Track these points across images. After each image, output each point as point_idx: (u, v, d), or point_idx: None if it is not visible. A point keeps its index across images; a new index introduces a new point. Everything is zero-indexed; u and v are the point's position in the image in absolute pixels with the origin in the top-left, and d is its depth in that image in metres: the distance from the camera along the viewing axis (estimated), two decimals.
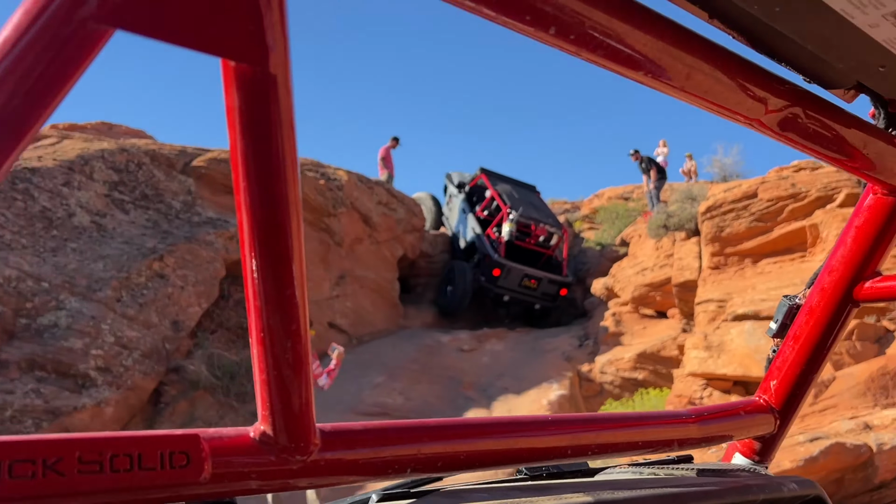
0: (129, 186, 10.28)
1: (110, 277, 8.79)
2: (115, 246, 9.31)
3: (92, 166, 9.91)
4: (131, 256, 9.25)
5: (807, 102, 0.82)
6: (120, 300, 8.77)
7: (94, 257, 8.97)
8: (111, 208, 9.86)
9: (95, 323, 8.30)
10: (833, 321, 1.17)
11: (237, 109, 0.48)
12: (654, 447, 1.03)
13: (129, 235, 9.64)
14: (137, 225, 9.96)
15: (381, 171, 15.89)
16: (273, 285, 0.56)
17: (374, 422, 0.75)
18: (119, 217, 9.86)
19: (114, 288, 8.72)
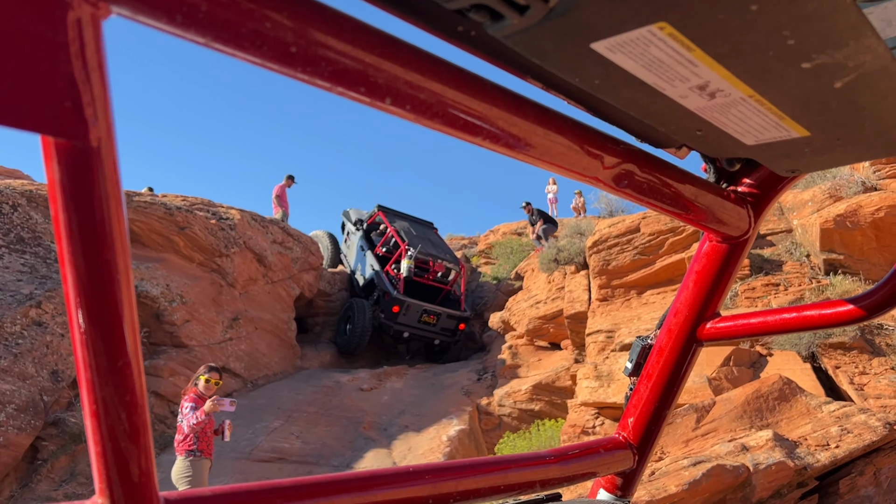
0: (2, 230, 9.67)
1: None
2: None
3: None
4: (4, 304, 8.67)
5: (640, 160, 0.87)
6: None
7: None
8: None
9: None
10: (680, 360, 1.24)
11: (58, 183, 0.48)
12: (517, 489, 1.05)
13: (2, 282, 9.04)
14: (12, 270, 9.35)
15: (276, 209, 15.66)
16: (105, 357, 0.55)
17: (224, 486, 0.73)
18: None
19: None
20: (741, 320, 1.14)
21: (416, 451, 9.36)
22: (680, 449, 6.58)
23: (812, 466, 5.92)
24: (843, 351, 7.66)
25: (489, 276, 16.85)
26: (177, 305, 10.79)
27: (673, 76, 0.64)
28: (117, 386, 0.57)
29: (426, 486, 0.89)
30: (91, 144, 0.46)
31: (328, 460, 9.21)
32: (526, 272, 14.17)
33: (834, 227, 8.41)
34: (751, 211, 1.08)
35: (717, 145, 0.86)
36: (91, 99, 0.45)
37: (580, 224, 13.24)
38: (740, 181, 1.07)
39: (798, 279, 8.75)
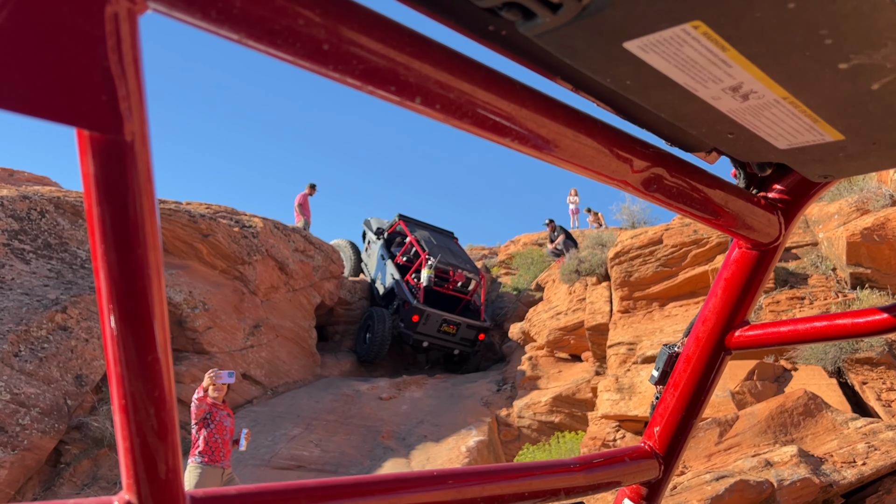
0: (30, 235, 9.83)
1: (7, 331, 8.33)
2: (13, 298, 8.85)
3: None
4: (31, 308, 8.80)
5: (669, 164, 0.86)
6: (17, 355, 8.30)
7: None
8: (10, 258, 9.39)
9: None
10: (708, 368, 1.21)
11: (93, 177, 0.48)
12: (541, 497, 1.04)
13: (29, 286, 9.18)
14: (39, 276, 9.50)
15: (298, 217, 15.77)
16: (135, 352, 0.55)
17: (249, 485, 0.73)
18: (19, 267, 9.39)
19: (11, 342, 8.25)
20: (771, 328, 1.12)
21: (435, 461, 9.34)
22: (702, 463, 6.50)
23: (838, 483, 5.82)
24: (871, 366, 7.54)
25: (509, 286, 16.82)
26: (199, 312, 10.89)
27: (706, 77, 0.64)
28: (146, 381, 0.57)
29: (450, 491, 0.88)
30: (125, 139, 0.47)
31: (346, 469, 9.22)
32: (546, 283, 14.13)
33: (861, 241, 8.29)
34: (781, 217, 1.06)
35: (749, 149, 0.85)
36: (126, 93, 0.45)
37: (602, 235, 13.18)
38: (771, 187, 1.05)
39: (824, 293, 8.63)
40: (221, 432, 5.89)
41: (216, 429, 5.86)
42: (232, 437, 5.99)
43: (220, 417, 5.94)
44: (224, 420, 5.95)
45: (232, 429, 6.00)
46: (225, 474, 5.91)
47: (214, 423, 5.88)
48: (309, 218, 15.92)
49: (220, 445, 5.86)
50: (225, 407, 6.09)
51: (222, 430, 5.90)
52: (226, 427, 5.94)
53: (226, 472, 5.92)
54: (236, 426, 6.15)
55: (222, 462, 5.86)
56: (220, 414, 5.96)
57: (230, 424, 6.00)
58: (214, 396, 5.98)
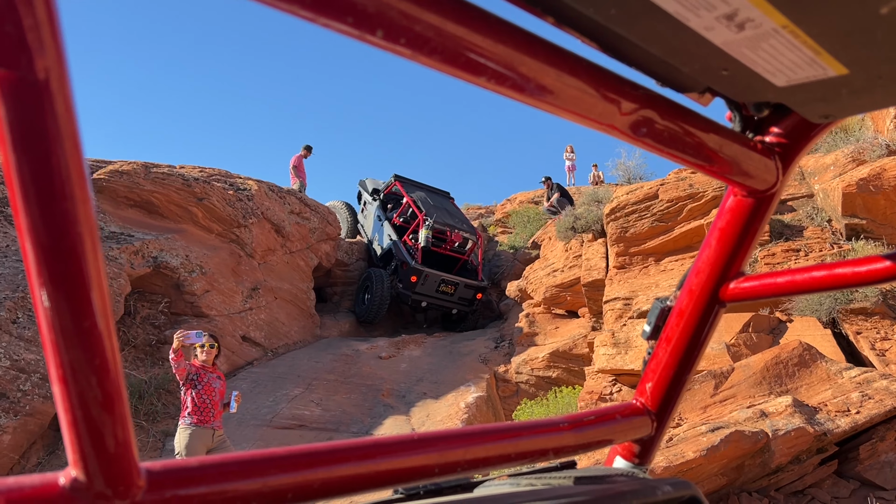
0: None
1: (4, 298, 8.33)
2: (8, 265, 8.83)
3: None
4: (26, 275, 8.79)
5: (660, 106, 0.81)
6: (15, 322, 8.32)
7: None
8: (3, 225, 9.35)
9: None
10: (702, 322, 1.18)
11: (4, 121, 0.44)
12: (529, 458, 1.01)
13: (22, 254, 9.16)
14: None
15: (293, 180, 15.69)
16: (70, 317, 0.50)
17: (213, 456, 0.70)
18: (12, 234, 9.36)
19: (8, 309, 8.27)
20: (767, 279, 1.09)
21: (435, 418, 9.46)
22: (698, 415, 6.59)
23: (832, 432, 5.91)
24: (865, 317, 7.59)
25: (506, 245, 16.84)
26: (196, 276, 10.90)
27: (697, 3, 0.60)
28: (85, 350, 0.52)
29: (433, 455, 0.85)
30: (38, 76, 0.42)
31: (348, 427, 9.33)
32: (543, 241, 14.14)
33: (857, 192, 8.28)
34: (779, 162, 1.01)
35: (745, 87, 0.81)
36: (34, 23, 0.41)
37: (597, 192, 13.14)
38: (768, 130, 0.99)
39: (819, 244, 8.65)
40: (210, 394, 5.90)
41: (204, 390, 5.88)
42: (222, 399, 6.00)
43: (209, 379, 5.95)
44: (213, 382, 5.96)
45: (222, 391, 6.01)
46: (216, 436, 5.91)
47: (202, 385, 5.89)
48: (304, 180, 15.85)
49: (209, 407, 5.88)
50: (215, 370, 6.10)
51: (211, 392, 5.91)
52: (214, 389, 5.94)
53: (216, 433, 5.92)
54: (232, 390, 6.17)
55: (212, 423, 5.88)
56: (209, 376, 5.97)
57: (220, 386, 6.01)
58: (203, 360, 6.00)
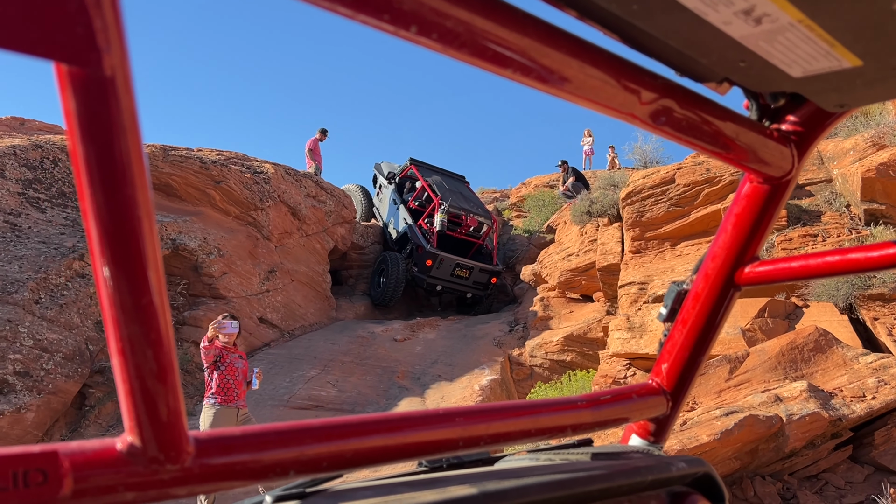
0: (44, 184, 9.90)
1: (27, 279, 8.47)
2: (31, 246, 8.96)
3: (3, 164, 9.49)
4: (49, 256, 8.92)
5: (678, 95, 0.83)
6: (38, 302, 8.46)
7: (9, 258, 8.61)
8: (26, 207, 9.48)
9: (12, 326, 7.99)
10: (717, 305, 1.20)
11: (74, 114, 0.47)
12: (548, 434, 1.04)
13: (46, 235, 9.29)
14: (55, 224, 9.60)
15: (309, 163, 15.74)
16: (129, 295, 0.54)
17: (254, 426, 0.73)
18: (35, 216, 9.49)
19: (31, 289, 8.40)
20: (781, 264, 1.11)
21: (449, 400, 9.53)
22: (712, 399, 6.60)
23: (847, 417, 5.91)
24: (883, 302, 7.54)
25: (521, 229, 16.82)
26: (214, 258, 11.00)
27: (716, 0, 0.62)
28: (142, 325, 0.56)
29: (457, 429, 0.88)
30: (105, 73, 0.45)
31: (363, 408, 9.43)
32: (558, 225, 14.11)
33: (876, 176, 8.19)
34: (794, 150, 1.03)
35: (762, 78, 0.83)
36: (104, 24, 0.44)
37: (614, 176, 13.07)
38: (784, 118, 1.02)
39: (837, 230, 8.59)
40: (233, 374, 6.02)
41: (227, 370, 6.00)
42: (245, 378, 6.12)
43: (231, 360, 6.06)
44: (235, 362, 6.08)
45: (244, 370, 6.12)
46: (240, 414, 6.04)
47: (225, 366, 6.01)
48: (320, 163, 15.88)
49: (232, 386, 6.00)
50: (236, 350, 6.21)
51: (234, 372, 6.03)
52: (237, 369, 6.06)
53: (241, 412, 6.05)
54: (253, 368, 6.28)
55: (236, 402, 6.01)
56: (231, 356, 6.09)
57: (242, 366, 6.12)
58: (225, 341, 6.11)
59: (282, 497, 0.84)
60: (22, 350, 7.96)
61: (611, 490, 1.03)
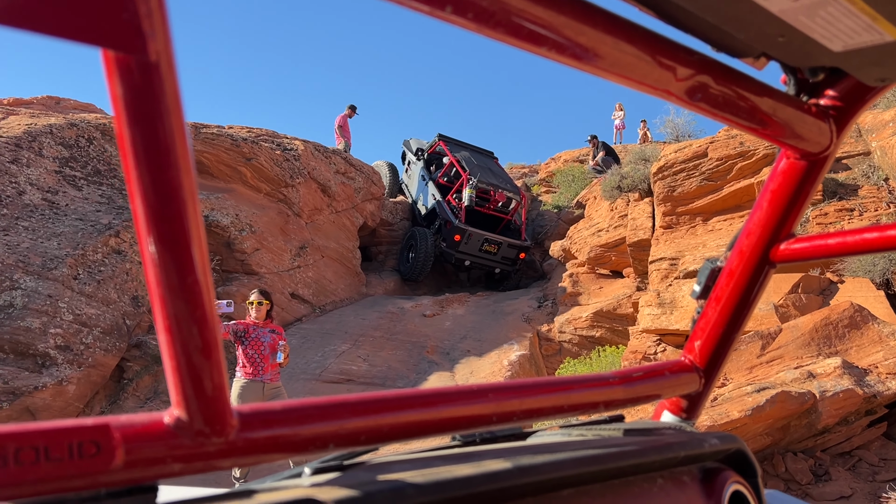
0: (80, 162, 10.07)
1: (65, 255, 8.66)
2: (68, 223, 9.16)
3: (41, 142, 9.67)
4: (86, 233, 9.11)
5: (716, 71, 0.82)
6: (77, 278, 8.66)
7: (48, 235, 8.82)
8: (63, 185, 9.67)
9: (52, 302, 8.19)
10: (752, 282, 1.20)
11: (121, 99, 0.48)
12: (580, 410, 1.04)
13: (82, 212, 9.48)
14: (91, 201, 9.78)
15: (338, 139, 15.78)
16: (175, 273, 0.56)
17: (295, 401, 0.75)
18: (72, 194, 9.68)
19: (70, 266, 8.60)
20: (818, 241, 1.09)
21: (478, 375, 9.59)
22: (744, 375, 6.55)
23: (882, 394, 5.83)
24: None
25: (550, 204, 16.72)
26: (246, 234, 11.14)
27: None
28: (188, 302, 0.58)
29: (490, 404, 0.89)
30: (150, 58, 0.46)
31: (394, 382, 9.54)
32: (588, 200, 14.01)
33: None
34: (833, 125, 1.02)
35: (801, 53, 0.82)
36: (148, 11, 0.45)
37: (645, 150, 12.91)
38: (823, 93, 1.00)
39: (874, 204, 8.41)
40: (258, 348, 6.11)
41: (251, 345, 6.09)
42: (273, 351, 6.19)
43: (258, 335, 6.15)
44: (262, 336, 6.15)
45: (272, 344, 6.18)
46: (267, 388, 6.12)
47: (249, 341, 6.11)
48: (349, 140, 15.92)
49: (258, 361, 6.09)
50: (268, 324, 6.29)
51: (259, 347, 6.11)
52: (263, 343, 6.13)
53: (267, 385, 6.11)
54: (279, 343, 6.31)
55: (262, 376, 6.09)
56: (258, 332, 6.17)
57: (269, 340, 6.18)
58: (255, 316, 6.21)
59: (320, 469, 0.86)
60: (62, 325, 8.17)
61: (644, 465, 1.03)
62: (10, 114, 10.23)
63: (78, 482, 0.55)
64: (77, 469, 0.54)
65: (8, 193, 8.93)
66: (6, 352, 7.74)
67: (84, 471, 0.55)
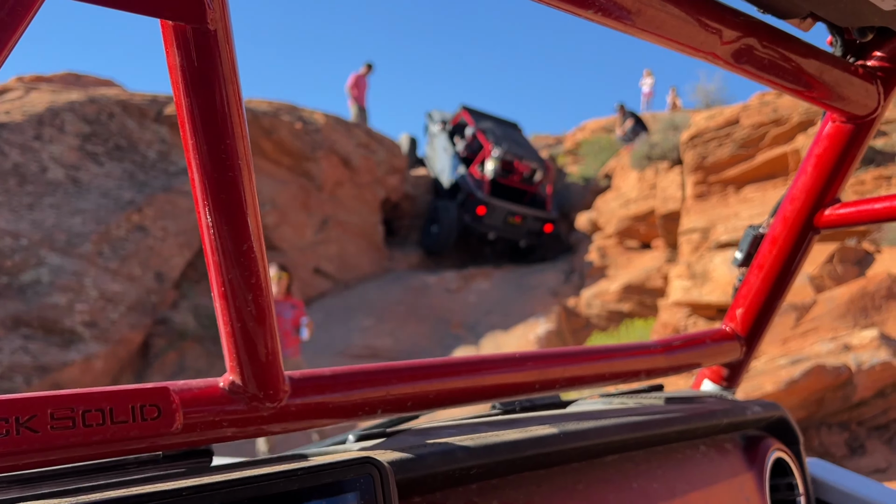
0: (101, 138, 10.06)
1: (90, 232, 8.69)
2: (91, 199, 9.17)
3: (62, 119, 9.67)
4: (109, 209, 9.12)
5: (762, 33, 0.82)
6: (101, 254, 8.69)
7: (72, 212, 8.84)
8: (85, 161, 9.67)
9: (78, 278, 8.24)
10: (795, 249, 1.20)
11: (179, 68, 0.48)
12: (622, 378, 1.06)
13: (105, 188, 9.49)
14: (113, 177, 9.79)
15: (351, 102, 15.32)
16: (230, 240, 0.57)
17: (343, 367, 0.76)
18: (94, 170, 9.68)
19: (94, 242, 8.63)
20: (864, 206, 1.08)
21: (504, 350, 9.52)
22: (777, 348, 6.44)
23: None
24: None
25: (576, 176, 16.49)
26: (269, 209, 11.11)
27: None
28: (242, 269, 0.59)
29: (534, 372, 0.91)
30: (209, 27, 0.46)
31: (419, 357, 9.50)
32: (615, 171, 13.79)
33: None
34: (881, 87, 0.99)
35: (850, 12, 0.78)
36: None
37: (675, 118, 12.62)
38: (871, 54, 0.97)
39: None
40: (280, 324, 6.07)
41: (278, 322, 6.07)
42: (294, 326, 6.15)
43: (279, 310, 6.10)
44: (283, 311, 6.12)
45: (294, 320, 6.16)
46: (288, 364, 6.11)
47: None
48: (363, 102, 15.28)
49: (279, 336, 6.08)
50: (288, 298, 6.25)
51: (280, 322, 6.07)
52: (284, 319, 6.11)
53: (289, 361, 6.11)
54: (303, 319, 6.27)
55: (283, 352, 6.07)
56: (279, 306, 6.12)
57: (291, 315, 6.15)
58: (275, 291, 6.15)
59: (365, 436, 0.90)
60: (88, 301, 8.22)
61: (687, 432, 1.06)
62: (32, 90, 10.24)
63: (140, 444, 0.57)
64: (140, 431, 0.56)
65: (32, 170, 8.95)
66: (34, 328, 7.81)
67: (146, 433, 0.57)
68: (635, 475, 0.94)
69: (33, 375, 7.48)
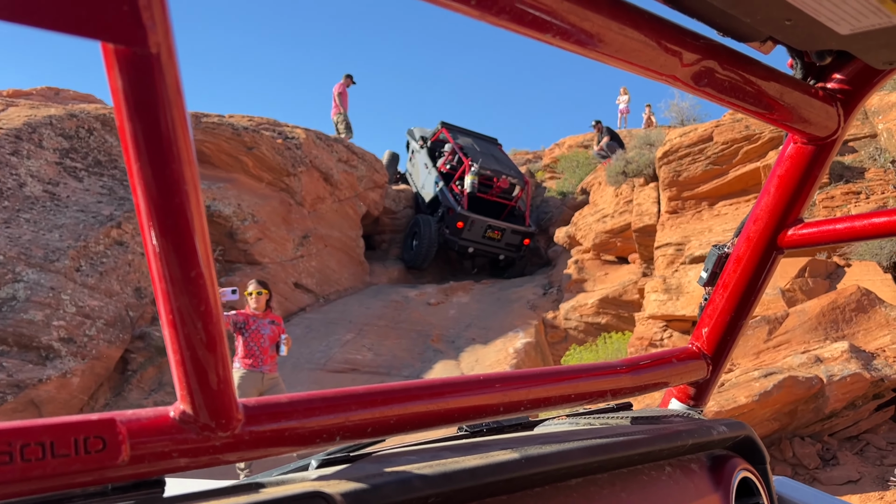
0: (80, 153, 10.03)
1: (67, 247, 8.64)
2: (70, 215, 9.13)
3: (40, 134, 9.63)
4: (88, 225, 9.08)
5: (722, 56, 0.82)
6: (79, 269, 8.64)
7: (49, 227, 8.79)
8: (63, 176, 9.63)
9: (55, 294, 8.18)
10: (759, 269, 1.20)
11: (122, 92, 0.47)
12: (588, 398, 1.04)
13: (84, 203, 9.45)
14: (92, 192, 9.75)
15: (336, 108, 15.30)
16: (178, 267, 0.55)
17: (300, 393, 0.75)
18: (72, 185, 9.64)
19: (72, 257, 8.58)
20: (826, 226, 1.09)
21: (484, 363, 9.56)
22: (750, 361, 6.51)
23: (889, 378, 5.79)
24: None
25: (554, 190, 16.63)
26: (249, 224, 11.10)
27: None
28: (191, 296, 0.57)
29: (497, 394, 0.89)
30: (150, 50, 0.45)
31: (399, 371, 9.52)
32: (592, 186, 13.93)
33: None
34: (840, 109, 1.01)
35: (808, 36, 0.80)
36: (148, 3, 0.44)
37: (650, 135, 12.81)
38: (830, 77, 0.99)
39: (881, 186, 8.32)
40: (258, 340, 6.08)
41: (251, 337, 6.07)
42: (272, 343, 6.16)
43: (258, 326, 6.12)
44: (262, 328, 6.13)
45: (272, 336, 6.16)
46: (266, 379, 6.10)
47: (249, 332, 6.09)
48: (345, 109, 15.35)
49: (257, 352, 6.08)
50: (268, 314, 6.26)
51: (259, 338, 6.09)
52: (263, 335, 6.11)
53: (266, 376, 6.10)
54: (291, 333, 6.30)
55: (261, 367, 6.07)
56: (259, 322, 6.14)
57: (269, 332, 6.16)
58: (255, 307, 6.18)
59: (327, 461, 0.86)
60: (65, 317, 8.16)
61: (652, 454, 1.04)
62: (10, 105, 10.19)
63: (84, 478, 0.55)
64: (83, 465, 0.54)
65: (9, 185, 8.90)
66: (10, 345, 7.73)
67: (90, 466, 0.55)
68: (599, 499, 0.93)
69: (7, 392, 7.39)
